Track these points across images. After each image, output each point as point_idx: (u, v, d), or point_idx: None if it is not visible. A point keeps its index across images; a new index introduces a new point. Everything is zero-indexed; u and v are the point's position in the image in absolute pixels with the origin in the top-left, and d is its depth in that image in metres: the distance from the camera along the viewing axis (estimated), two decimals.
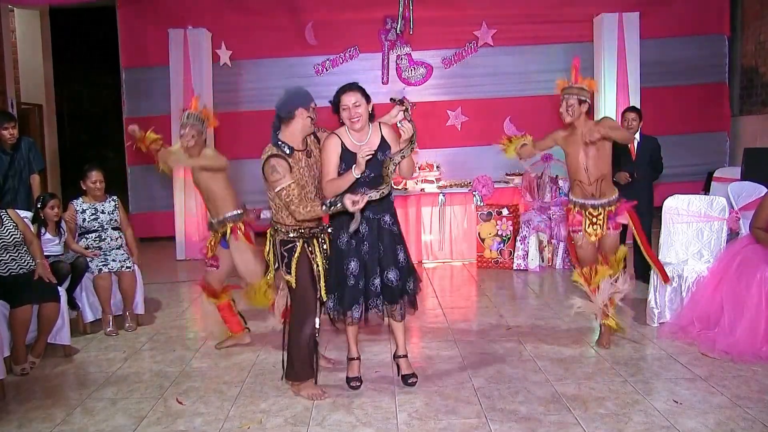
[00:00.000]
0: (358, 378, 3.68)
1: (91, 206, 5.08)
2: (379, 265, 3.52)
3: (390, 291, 3.53)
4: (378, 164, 3.44)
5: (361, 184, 3.39)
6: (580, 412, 3.26)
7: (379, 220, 3.53)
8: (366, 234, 3.49)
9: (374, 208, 3.46)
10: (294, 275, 3.50)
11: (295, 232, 3.50)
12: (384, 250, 3.53)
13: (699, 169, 8.42)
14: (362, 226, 3.45)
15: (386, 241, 3.54)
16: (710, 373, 3.73)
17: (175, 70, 7.84)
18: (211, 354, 4.38)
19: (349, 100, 3.42)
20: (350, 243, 3.48)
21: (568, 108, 4.03)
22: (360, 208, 3.18)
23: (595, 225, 4.18)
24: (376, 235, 3.52)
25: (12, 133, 5.38)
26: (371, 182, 3.42)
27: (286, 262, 3.52)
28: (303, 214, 3.34)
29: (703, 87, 8.76)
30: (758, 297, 3.93)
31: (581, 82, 4.07)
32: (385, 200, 3.52)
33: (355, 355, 3.73)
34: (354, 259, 3.49)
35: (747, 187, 5.57)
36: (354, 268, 3.48)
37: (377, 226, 3.53)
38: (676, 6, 8.54)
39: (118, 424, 3.30)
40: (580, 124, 4.08)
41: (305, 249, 3.53)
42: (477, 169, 7.55)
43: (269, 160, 3.38)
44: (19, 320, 3.98)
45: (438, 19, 8.37)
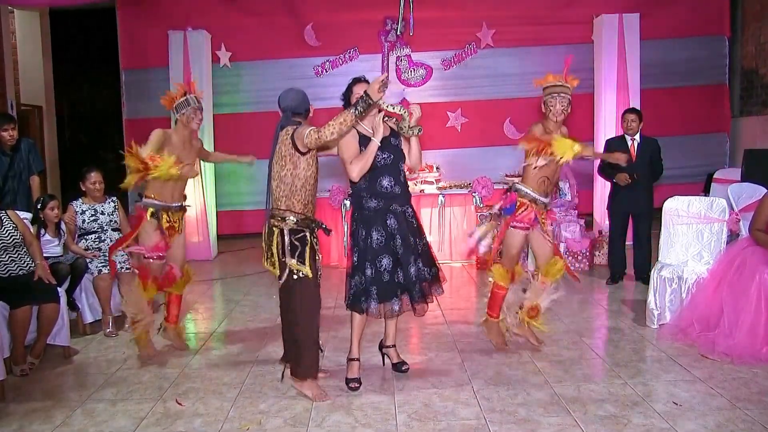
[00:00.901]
0: (357, 379, 3.69)
1: (90, 207, 5.08)
2: (413, 254, 3.60)
3: (420, 281, 3.62)
4: (393, 148, 3.60)
5: (383, 170, 3.54)
6: (580, 414, 3.26)
7: (404, 213, 3.64)
8: (395, 228, 3.57)
9: (400, 201, 3.61)
10: (309, 266, 3.47)
11: (302, 222, 3.50)
12: (414, 242, 3.63)
13: (699, 171, 8.43)
14: (390, 220, 3.56)
15: (413, 232, 3.66)
16: (710, 375, 3.73)
17: (175, 71, 7.84)
18: (210, 355, 4.38)
19: (361, 89, 3.47)
20: (381, 240, 3.54)
21: (567, 108, 4.00)
22: (385, 82, 3.20)
23: (543, 223, 4.18)
24: (405, 228, 3.61)
25: (12, 135, 5.38)
26: (391, 166, 3.56)
27: (299, 252, 3.46)
28: (333, 126, 3.21)
29: (703, 88, 8.77)
30: (757, 299, 3.93)
31: (569, 81, 4.03)
32: (407, 194, 3.68)
33: (356, 356, 3.74)
34: (386, 256, 3.54)
35: (747, 189, 5.58)
36: (387, 264, 3.54)
37: (405, 219, 3.63)
38: (676, 7, 8.54)
39: (118, 425, 3.30)
40: (557, 126, 4.04)
41: (312, 241, 3.54)
42: (477, 170, 7.55)
43: (298, 128, 3.39)
44: (18, 321, 3.98)
45: (438, 21, 8.38)
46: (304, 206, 3.48)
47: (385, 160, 3.55)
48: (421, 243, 3.70)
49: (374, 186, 3.56)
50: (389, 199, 3.57)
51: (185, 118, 4.24)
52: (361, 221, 3.60)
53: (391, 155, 3.57)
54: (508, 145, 8.63)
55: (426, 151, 8.28)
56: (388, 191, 3.56)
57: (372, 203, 3.57)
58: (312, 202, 3.54)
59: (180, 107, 4.22)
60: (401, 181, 3.63)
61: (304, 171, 3.44)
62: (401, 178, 3.64)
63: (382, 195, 3.56)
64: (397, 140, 3.66)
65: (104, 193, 5.16)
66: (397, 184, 3.59)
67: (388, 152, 3.56)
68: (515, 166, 7.97)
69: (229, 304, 5.76)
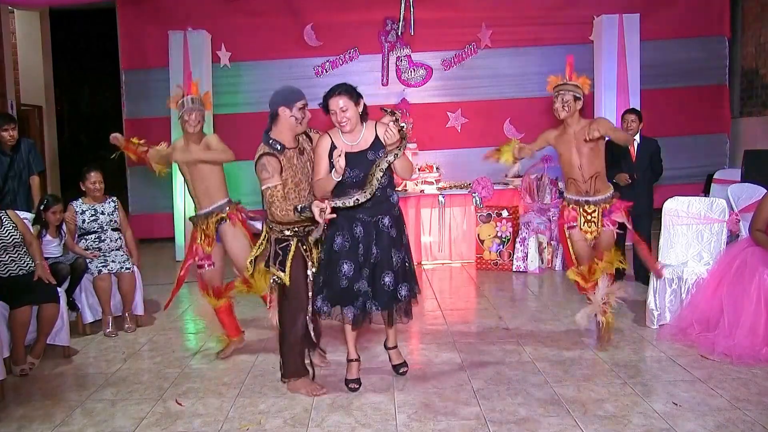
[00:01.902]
0: (357, 380, 3.68)
1: (90, 207, 5.08)
2: (374, 268, 3.49)
3: (384, 295, 3.49)
4: (369, 164, 3.40)
5: (350, 185, 3.37)
6: (580, 414, 3.26)
7: (376, 223, 3.50)
8: (361, 236, 3.48)
9: (369, 210, 3.45)
10: (288, 274, 3.50)
11: (289, 231, 3.51)
12: (380, 253, 3.50)
13: (699, 171, 8.42)
14: (357, 228, 3.46)
15: (383, 243, 3.51)
16: (710, 376, 3.73)
17: (175, 71, 7.83)
18: (210, 355, 4.37)
19: (336, 104, 3.39)
20: (344, 245, 3.46)
21: (564, 104, 4.03)
22: (326, 218, 3.12)
23: (590, 222, 4.19)
24: (373, 238, 3.49)
25: (12, 135, 5.38)
26: (360, 183, 3.38)
27: (280, 260, 3.51)
28: (279, 216, 3.33)
29: (703, 89, 8.76)
30: (757, 299, 3.93)
31: (575, 80, 4.06)
32: (384, 203, 3.51)
33: (354, 357, 3.73)
34: (347, 262, 3.46)
35: (747, 189, 5.58)
36: (347, 270, 3.45)
37: (374, 229, 3.50)
38: (676, 8, 8.54)
39: (118, 425, 3.30)
40: (573, 122, 4.09)
41: (299, 248, 3.54)
42: (477, 170, 7.53)
43: (260, 159, 3.40)
44: (18, 321, 3.98)
45: (438, 21, 8.38)
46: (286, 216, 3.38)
47: (354, 178, 3.39)
48: (397, 256, 3.53)
49: (341, 195, 3.38)
50: (356, 208, 3.39)
51: (182, 122, 4.18)
52: (330, 223, 3.48)
53: (361, 173, 3.39)
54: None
55: (426, 151, 8.33)
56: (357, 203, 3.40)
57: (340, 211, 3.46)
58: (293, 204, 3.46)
59: (179, 110, 4.18)
60: (375, 194, 3.38)
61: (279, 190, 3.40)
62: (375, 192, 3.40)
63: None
64: (375, 154, 3.43)
65: (104, 193, 5.16)
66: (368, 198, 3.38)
67: (358, 169, 3.39)
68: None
69: None
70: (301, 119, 3.48)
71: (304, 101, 3.51)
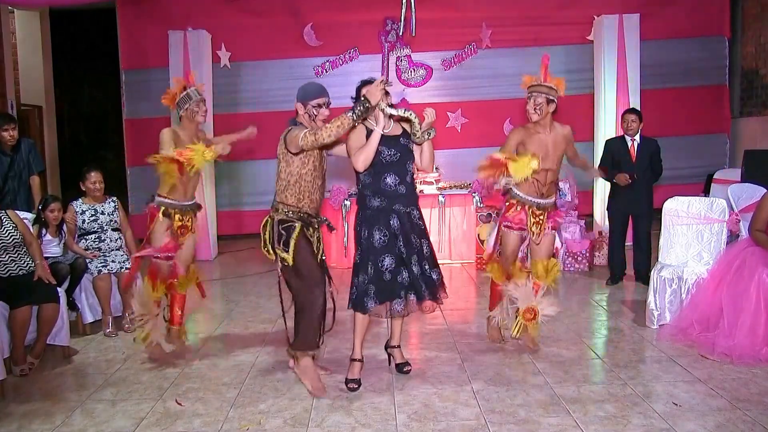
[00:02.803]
0: (357, 380, 3.68)
1: (90, 207, 5.08)
2: (417, 255, 3.57)
3: (426, 281, 3.59)
4: (401, 147, 3.56)
5: (387, 164, 3.51)
6: (580, 415, 3.26)
7: (408, 214, 3.60)
8: (398, 228, 3.54)
9: (404, 201, 3.56)
10: (292, 253, 3.55)
11: (294, 214, 3.59)
12: (416, 243, 3.59)
13: (699, 171, 8.43)
14: (393, 220, 3.53)
15: (417, 233, 3.61)
16: (710, 376, 3.73)
17: (175, 71, 7.83)
18: (210, 355, 4.37)
19: None
20: (382, 240, 3.51)
21: (536, 107, 4.03)
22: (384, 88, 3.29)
23: (538, 224, 4.18)
24: (408, 228, 3.57)
25: (12, 135, 5.38)
26: (397, 164, 3.52)
27: (284, 240, 3.57)
28: (330, 128, 3.33)
29: (703, 89, 8.77)
30: (757, 299, 3.93)
31: (550, 81, 4.04)
32: (414, 195, 3.65)
33: (359, 357, 3.74)
34: (388, 255, 3.51)
35: (747, 189, 5.58)
36: (389, 264, 3.51)
37: (408, 221, 3.59)
38: (676, 8, 8.54)
39: (118, 426, 3.30)
40: (546, 124, 4.08)
41: (304, 230, 3.61)
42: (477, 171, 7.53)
43: (290, 131, 3.52)
44: (18, 321, 3.98)
45: (438, 21, 8.38)
46: (297, 200, 3.58)
47: (391, 157, 3.52)
48: (426, 245, 3.66)
49: (378, 183, 3.53)
50: (392, 198, 3.53)
51: (189, 113, 4.16)
52: (364, 220, 3.59)
53: (397, 153, 3.54)
54: None
55: None
56: (391, 189, 3.53)
57: (375, 202, 3.55)
58: (310, 197, 3.62)
59: (182, 102, 4.16)
60: (407, 181, 3.58)
61: (298, 168, 3.56)
62: (407, 179, 3.59)
63: (386, 193, 3.53)
64: (407, 140, 3.62)
65: (104, 193, 5.16)
66: (402, 184, 3.55)
67: (394, 149, 3.53)
68: None
69: (229, 305, 5.76)
70: (314, 116, 3.57)
71: (323, 99, 3.60)
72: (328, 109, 3.61)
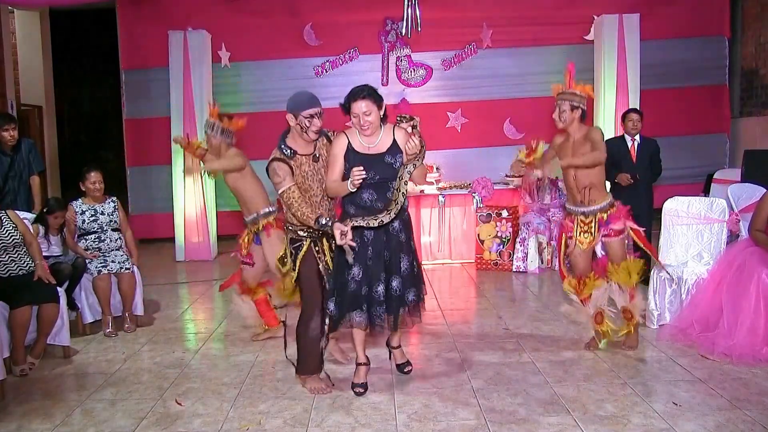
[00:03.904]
0: (363, 384, 3.63)
1: (90, 208, 5.08)
2: (384, 272, 3.46)
3: (391, 299, 3.48)
4: (385, 167, 3.40)
5: (366, 186, 3.36)
6: (580, 414, 3.26)
7: (386, 226, 3.44)
8: (371, 239, 3.44)
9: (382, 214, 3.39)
10: (297, 271, 3.56)
11: (303, 231, 3.55)
12: (390, 257, 3.48)
13: (699, 171, 8.42)
14: (368, 231, 3.43)
15: (392, 247, 3.49)
16: (710, 376, 3.73)
17: (175, 71, 7.85)
18: (210, 355, 4.38)
19: (359, 108, 3.34)
20: (353, 249, 3.37)
21: (561, 114, 4.03)
22: (346, 242, 3.15)
23: (586, 233, 4.14)
24: (383, 241, 3.45)
25: (12, 135, 5.38)
26: (376, 185, 3.39)
27: (293, 257, 3.59)
28: (298, 218, 3.40)
29: (703, 89, 8.77)
30: (757, 299, 3.93)
31: (575, 88, 4.04)
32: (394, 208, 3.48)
33: (363, 361, 3.68)
34: (356, 265, 3.42)
35: (747, 189, 5.57)
36: (356, 274, 3.43)
37: (384, 232, 3.46)
38: (676, 7, 8.54)
39: (118, 425, 3.30)
40: (573, 131, 4.08)
41: (311, 248, 3.57)
42: (477, 170, 7.54)
43: (271, 164, 3.44)
44: (18, 321, 3.98)
45: (438, 21, 8.37)
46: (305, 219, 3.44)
47: (371, 180, 3.33)
48: (404, 261, 3.51)
49: (354, 197, 3.40)
50: (368, 210, 3.38)
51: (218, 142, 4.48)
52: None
53: (377, 175, 3.35)
54: (508, 145, 8.61)
55: (426, 151, 8.30)
56: (367, 204, 3.40)
57: (351, 210, 3.45)
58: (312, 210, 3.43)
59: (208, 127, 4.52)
60: (387, 197, 3.39)
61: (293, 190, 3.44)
62: (388, 194, 3.40)
63: (361, 206, 3.41)
64: (393, 157, 3.41)
65: (104, 193, 5.16)
66: (380, 200, 3.39)
67: (374, 171, 3.33)
68: None
69: (229, 305, 5.74)
70: (306, 128, 3.42)
71: (316, 109, 3.43)
72: (320, 119, 3.44)
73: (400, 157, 3.40)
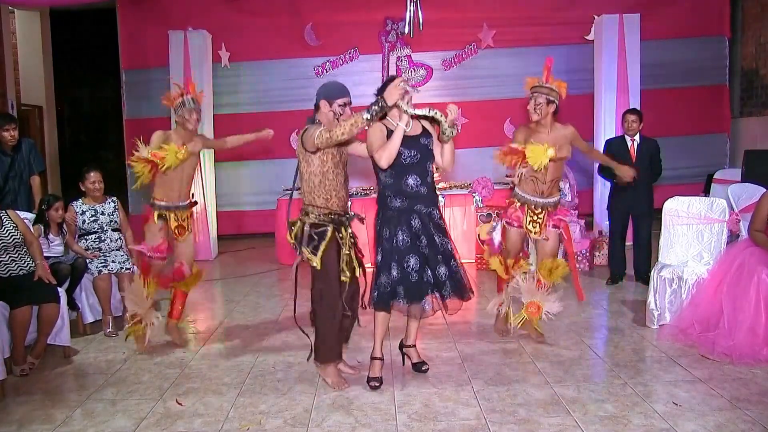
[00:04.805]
0: (378, 378, 3.70)
1: (90, 208, 5.08)
2: (441, 254, 3.58)
3: (451, 280, 3.61)
4: (422, 147, 3.57)
5: (408, 165, 3.51)
6: (580, 414, 3.26)
7: (429, 214, 3.61)
8: (420, 229, 3.55)
9: (425, 201, 3.58)
10: (320, 258, 3.57)
11: (326, 216, 3.60)
12: (440, 242, 3.60)
13: (699, 171, 8.43)
14: (415, 221, 3.54)
15: (438, 233, 3.62)
16: (710, 376, 3.73)
17: (175, 71, 7.83)
18: (210, 355, 4.38)
19: None
20: (405, 241, 3.52)
21: (536, 107, 4.14)
22: (402, 91, 3.26)
23: (535, 222, 4.26)
24: (430, 228, 3.58)
25: (13, 135, 5.38)
26: (417, 165, 3.53)
27: (315, 244, 3.58)
28: (344, 126, 3.31)
29: (703, 89, 8.77)
30: (757, 299, 3.93)
31: (552, 83, 4.12)
32: (434, 196, 3.68)
33: (379, 355, 3.77)
34: (413, 256, 3.53)
35: (747, 189, 5.58)
36: (414, 264, 3.52)
37: (429, 220, 3.60)
38: (676, 8, 8.55)
39: (118, 426, 3.30)
40: (546, 124, 4.17)
41: (335, 235, 3.62)
42: (477, 170, 7.54)
43: (307, 129, 3.51)
44: (18, 321, 3.98)
45: (438, 21, 8.38)
46: (326, 200, 3.58)
47: (412, 159, 3.52)
48: (448, 245, 3.67)
49: (400, 184, 3.54)
50: (414, 198, 3.55)
51: (181, 119, 4.29)
52: (386, 221, 3.59)
53: (417, 154, 3.54)
54: None
55: None
56: (413, 190, 3.55)
57: (396, 202, 3.56)
58: (336, 195, 3.62)
59: (177, 108, 4.29)
60: (428, 181, 3.60)
61: (319, 167, 3.55)
62: (428, 179, 3.61)
63: (407, 194, 3.55)
64: (427, 139, 3.62)
65: (104, 193, 5.16)
66: (423, 185, 3.57)
67: (415, 150, 3.53)
68: None
69: (229, 305, 5.76)
70: (339, 115, 3.55)
71: (347, 99, 3.59)
72: (350, 110, 3.59)
73: (431, 140, 3.64)
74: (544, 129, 4.16)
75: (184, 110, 4.25)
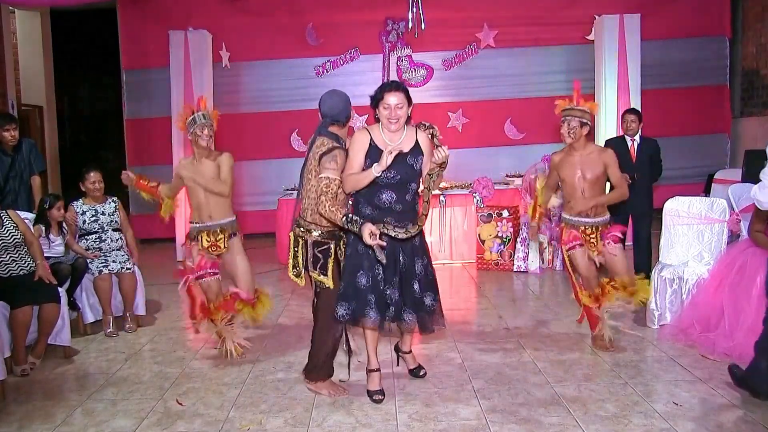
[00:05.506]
0: (380, 391, 3.55)
1: (91, 208, 5.08)
2: (399, 275, 3.40)
3: (414, 302, 3.44)
4: (406, 167, 3.35)
5: (384, 185, 3.31)
6: (580, 414, 3.26)
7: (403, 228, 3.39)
8: (386, 243, 3.31)
9: (397, 216, 3.35)
10: (332, 277, 3.47)
11: (329, 234, 3.48)
12: (406, 262, 3.43)
13: (699, 171, 8.43)
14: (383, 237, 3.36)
15: (408, 252, 3.44)
16: (710, 376, 3.73)
17: (176, 71, 7.84)
18: (210, 355, 4.37)
19: (392, 100, 3.30)
20: (367, 252, 3.33)
21: (570, 130, 4.09)
22: (375, 243, 3.09)
23: (589, 243, 4.22)
24: (398, 247, 3.40)
25: (13, 135, 5.38)
26: (396, 185, 3.33)
27: (321, 264, 3.47)
28: (326, 211, 3.26)
29: (703, 89, 8.77)
30: (758, 300, 3.92)
31: (582, 104, 4.10)
32: (410, 212, 3.42)
33: (375, 366, 3.60)
34: (377, 267, 3.36)
35: (748, 189, 5.54)
36: (366, 282, 3.37)
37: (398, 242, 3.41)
38: (677, 8, 8.54)
39: (118, 425, 3.30)
40: (579, 147, 4.14)
41: (337, 251, 3.52)
42: (477, 170, 7.55)
43: (333, 150, 3.35)
44: (19, 321, 3.98)
45: (439, 21, 8.37)
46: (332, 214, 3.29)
47: (389, 180, 3.29)
48: (419, 265, 3.47)
49: (372, 197, 3.35)
50: (385, 211, 3.34)
51: (193, 137, 4.23)
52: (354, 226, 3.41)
53: (398, 175, 3.30)
54: (509, 145, 8.65)
55: None
56: (386, 205, 3.34)
57: (367, 210, 3.37)
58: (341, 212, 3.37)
59: (189, 126, 4.23)
60: (406, 199, 3.37)
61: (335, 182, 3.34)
62: (406, 197, 3.37)
63: (379, 207, 3.35)
64: (415, 158, 3.37)
65: (105, 193, 5.16)
66: (399, 202, 3.34)
67: (395, 171, 3.27)
68: (516, 166, 7.97)
69: None
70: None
71: None
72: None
73: (420, 159, 3.40)
74: (576, 152, 4.15)
75: (195, 127, 4.19)
